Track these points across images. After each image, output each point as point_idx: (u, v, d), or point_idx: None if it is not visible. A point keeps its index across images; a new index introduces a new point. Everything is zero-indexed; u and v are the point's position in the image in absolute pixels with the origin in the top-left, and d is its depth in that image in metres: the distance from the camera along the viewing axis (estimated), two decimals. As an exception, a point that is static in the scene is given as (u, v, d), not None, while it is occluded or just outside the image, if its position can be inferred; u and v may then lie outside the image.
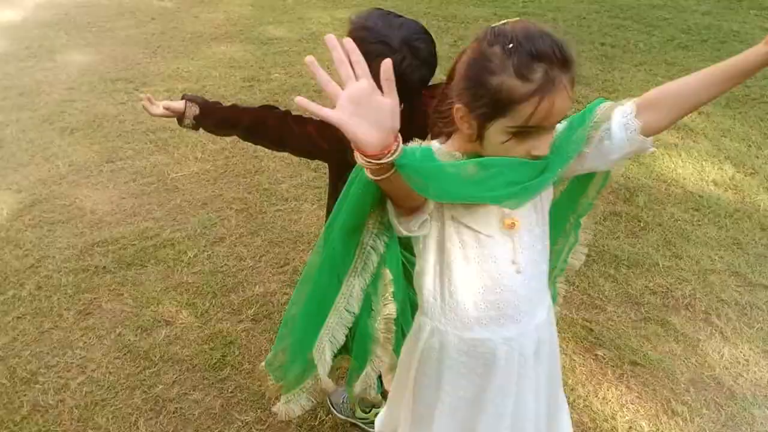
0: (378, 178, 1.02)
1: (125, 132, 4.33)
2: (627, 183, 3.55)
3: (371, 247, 1.26)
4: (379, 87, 0.98)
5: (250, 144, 2.16)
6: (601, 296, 2.74)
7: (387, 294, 1.34)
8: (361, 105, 0.95)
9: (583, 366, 2.41)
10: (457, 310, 1.32)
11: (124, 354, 2.53)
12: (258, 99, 4.63)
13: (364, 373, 1.45)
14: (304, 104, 0.94)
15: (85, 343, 2.59)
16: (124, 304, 2.78)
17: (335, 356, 1.43)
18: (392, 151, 0.97)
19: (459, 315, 1.32)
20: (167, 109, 1.81)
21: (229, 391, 2.34)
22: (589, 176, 1.43)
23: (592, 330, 2.56)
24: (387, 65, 0.95)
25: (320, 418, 2.22)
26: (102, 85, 5.06)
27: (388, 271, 1.32)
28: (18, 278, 2.94)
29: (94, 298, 2.82)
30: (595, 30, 6.25)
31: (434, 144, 1.28)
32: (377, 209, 1.22)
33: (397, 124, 0.97)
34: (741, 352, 2.45)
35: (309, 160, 3.40)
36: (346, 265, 1.28)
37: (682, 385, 2.31)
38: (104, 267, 3.00)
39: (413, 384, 1.47)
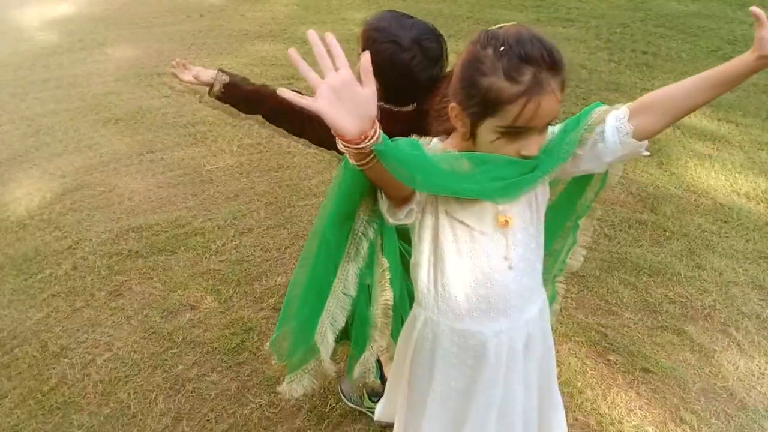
0: (360, 163, 1.07)
1: (166, 124, 4.49)
2: (655, 192, 3.52)
3: (362, 234, 1.31)
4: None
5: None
6: (618, 303, 2.74)
7: (384, 281, 1.39)
8: (340, 94, 1.00)
9: (594, 370, 2.42)
10: (449, 301, 1.36)
11: (149, 334, 2.64)
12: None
13: (362, 357, 1.51)
14: (286, 95, 1.01)
15: (114, 322, 2.71)
16: (153, 288, 2.90)
17: (336, 341, 1.49)
18: (369, 137, 1.02)
19: (451, 306, 1.37)
20: (196, 78, 1.85)
21: (246, 374, 2.43)
22: (587, 179, 1.46)
23: (606, 335, 2.57)
24: (366, 57, 1.01)
25: (330, 405, 2.28)
26: (147, 79, 5.24)
27: (384, 259, 1.37)
28: (56, 258, 3.09)
29: (125, 281, 2.95)
30: (638, 38, 6.18)
31: (434, 141, 1.33)
32: (368, 198, 1.27)
33: (374, 112, 1.02)
34: (757, 365, 2.43)
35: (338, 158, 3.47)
36: (341, 252, 1.33)
37: (693, 394, 2.30)
38: (137, 251, 3.13)
39: (408, 372, 1.53)
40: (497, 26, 1.20)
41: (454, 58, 1.35)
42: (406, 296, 1.54)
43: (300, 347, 1.49)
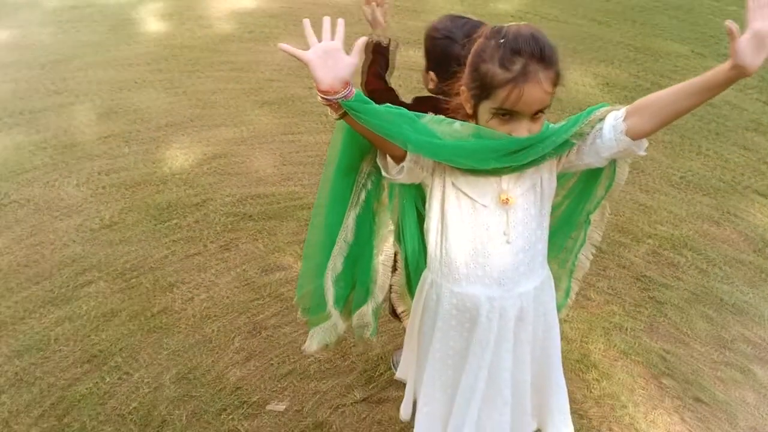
0: (336, 116, 1.31)
1: (307, 112, 4.89)
2: (764, 234, 3.33)
3: (363, 185, 1.52)
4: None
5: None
6: (690, 333, 2.67)
7: (386, 243, 1.60)
8: (327, 54, 1.26)
9: (644, 389, 2.39)
10: (450, 265, 1.51)
11: (243, 285, 2.98)
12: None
13: (359, 311, 1.70)
14: (286, 49, 1.24)
15: (217, 270, 3.09)
16: (257, 248, 3.25)
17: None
18: (337, 93, 1.26)
19: (451, 270, 1.51)
20: (374, 19, 2.00)
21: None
22: (596, 177, 1.57)
23: (666, 360, 2.52)
24: (361, 40, 1.29)
25: (380, 371, 2.48)
26: (301, 71, 5.71)
27: (389, 219, 1.57)
28: (184, 211, 3.55)
29: (235, 238, 3.33)
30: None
31: (456, 124, 1.49)
32: (371, 154, 1.47)
33: (348, 76, 1.27)
34: (828, 419, 2.27)
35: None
36: (346, 201, 1.54)
37: (741, 431, 2.21)
38: (251, 215, 3.52)
39: (417, 331, 1.68)
40: (507, 24, 1.34)
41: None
42: (423, 260, 1.69)
43: (318, 302, 1.68)
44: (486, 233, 1.46)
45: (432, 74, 1.83)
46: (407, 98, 1.91)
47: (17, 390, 2.43)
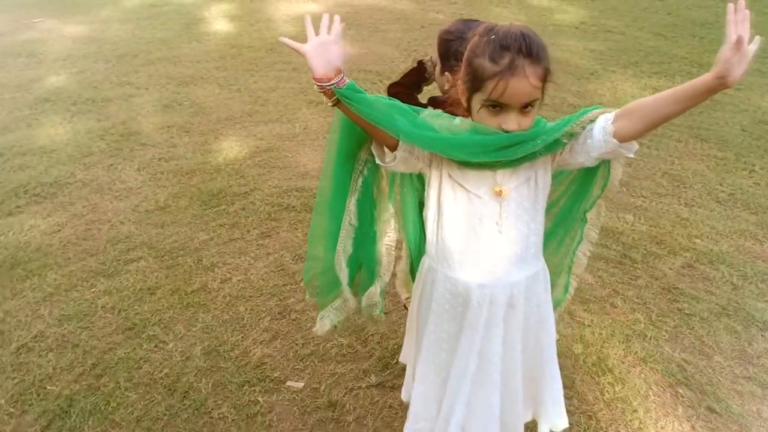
0: (330, 102, 1.44)
1: (358, 112, 5.03)
2: (808, 253, 3.25)
3: (360, 172, 1.64)
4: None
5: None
6: (714, 346, 2.64)
7: (389, 228, 1.73)
8: (322, 46, 1.41)
9: (658, 396, 2.39)
10: (444, 251, 1.59)
11: (278, 270, 3.12)
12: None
13: (368, 291, 1.79)
14: (286, 42, 1.37)
15: (256, 255, 3.25)
16: (295, 236, 3.40)
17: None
18: (330, 80, 1.39)
19: (446, 256, 1.60)
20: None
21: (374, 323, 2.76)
22: (592, 176, 1.63)
23: (685, 370, 2.51)
24: (337, 24, 1.43)
25: (396, 359, 2.55)
26: (356, 74, 5.86)
27: (390, 205, 1.68)
28: (231, 199, 3.74)
29: (276, 226, 3.48)
30: None
31: (457, 119, 1.57)
32: (368, 143, 1.58)
33: (338, 64, 1.41)
34: None
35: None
36: (347, 188, 1.64)
37: (752, 444, 2.19)
38: (293, 206, 3.67)
39: (416, 315, 1.77)
40: (501, 23, 1.43)
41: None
42: (424, 247, 1.77)
43: (327, 283, 1.78)
44: (479, 223, 1.54)
45: (447, 75, 1.92)
46: (423, 100, 2.01)
47: (62, 350, 2.63)
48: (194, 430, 2.28)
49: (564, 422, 1.82)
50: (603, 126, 1.43)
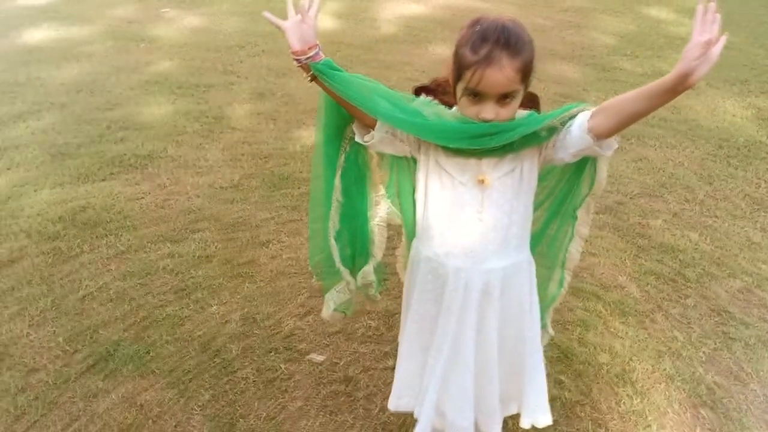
0: (307, 77, 1.53)
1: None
2: None
3: (344, 149, 1.72)
4: None
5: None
6: (753, 373, 2.51)
7: (380, 207, 1.82)
8: (299, 25, 1.51)
9: (677, 415, 2.32)
10: (428, 234, 1.67)
11: (326, 253, 3.27)
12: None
13: (363, 270, 1.88)
14: (268, 17, 1.49)
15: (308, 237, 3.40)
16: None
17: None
18: (305, 54, 1.49)
19: (429, 238, 1.67)
20: None
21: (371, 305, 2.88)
22: (580, 174, 1.65)
23: (714, 392, 2.41)
24: (315, 3, 1.53)
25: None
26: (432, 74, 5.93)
27: (381, 186, 1.76)
28: (297, 183, 3.94)
29: (334, 212, 3.63)
30: None
31: (453, 109, 1.63)
32: (353, 123, 1.67)
33: (312, 40, 1.51)
34: None
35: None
36: (335, 164, 1.73)
37: (764, 475, 2.08)
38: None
39: (405, 294, 1.84)
40: (489, 16, 1.48)
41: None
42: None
43: (329, 266, 1.87)
44: (460, 209, 1.59)
45: None
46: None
47: (120, 302, 2.91)
48: (217, 386, 2.46)
49: (546, 419, 1.82)
50: (581, 122, 1.45)
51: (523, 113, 1.54)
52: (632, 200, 3.85)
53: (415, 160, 1.73)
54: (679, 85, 1.27)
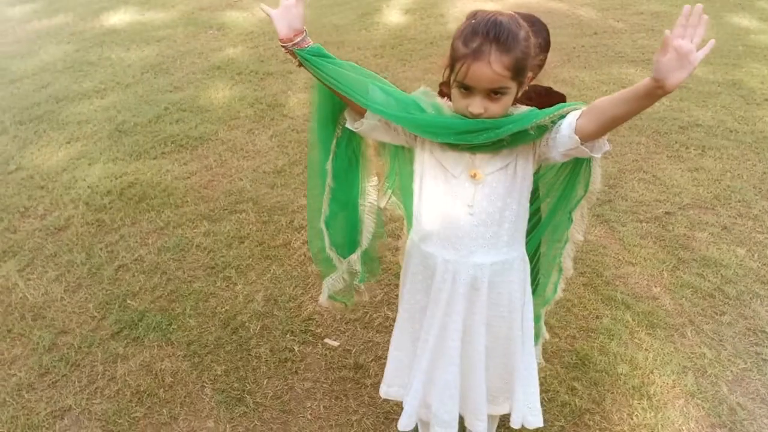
0: (295, 63, 1.55)
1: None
2: None
3: (336, 135, 1.72)
4: None
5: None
6: (781, 396, 2.38)
7: (371, 196, 1.83)
8: (286, 9, 1.53)
9: (690, 433, 2.22)
10: (421, 225, 1.67)
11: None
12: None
13: (348, 258, 1.88)
14: (262, 7, 1.52)
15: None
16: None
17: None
18: (291, 41, 1.51)
19: (421, 229, 1.67)
20: None
21: (394, 293, 2.89)
22: (575, 176, 1.62)
23: (736, 413, 2.29)
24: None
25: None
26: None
27: (375, 176, 1.78)
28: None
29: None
30: None
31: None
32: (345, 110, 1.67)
33: (299, 26, 1.52)
34: None
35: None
36: (329, 149, 1.74)
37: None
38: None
39: (401, 283, 1.84)
40: (487, 10, 1.46)
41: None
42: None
43: (326, 254, 1.89)
44: (452, 202, 1.58)
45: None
46: None
47: (152, 274, 3.03)
48: (232, 361, 2.52)
49: (537, 420, 1.78)
50: (569, 122, 1.42)
51: (522, 109, 1.52)
52: (681, 211, 3.70)
53: (413, 151, 1.72)
54: (656, 90, 1.22)
